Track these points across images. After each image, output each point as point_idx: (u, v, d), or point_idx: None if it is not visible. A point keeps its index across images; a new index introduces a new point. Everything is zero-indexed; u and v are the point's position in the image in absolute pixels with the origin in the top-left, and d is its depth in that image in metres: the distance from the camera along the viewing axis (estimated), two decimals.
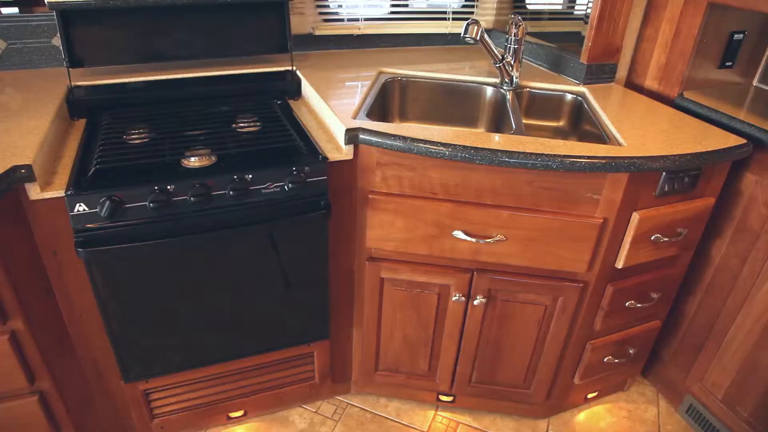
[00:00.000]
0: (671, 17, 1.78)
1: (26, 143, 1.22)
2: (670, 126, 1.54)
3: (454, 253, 1.47)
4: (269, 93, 1.71)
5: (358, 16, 2.04)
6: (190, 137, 1.40)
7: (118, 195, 1.19)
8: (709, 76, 1.85)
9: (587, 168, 1.28)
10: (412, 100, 1.84)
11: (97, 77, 1.64)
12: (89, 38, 1.59)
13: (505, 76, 1.73)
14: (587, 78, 1.82)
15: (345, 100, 1.56)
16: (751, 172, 1.58)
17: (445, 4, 2.16)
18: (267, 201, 1.33)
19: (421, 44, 2.16)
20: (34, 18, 1.67)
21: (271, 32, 1.76)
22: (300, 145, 1.37)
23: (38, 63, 1.72)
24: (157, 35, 1.66)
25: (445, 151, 1.29)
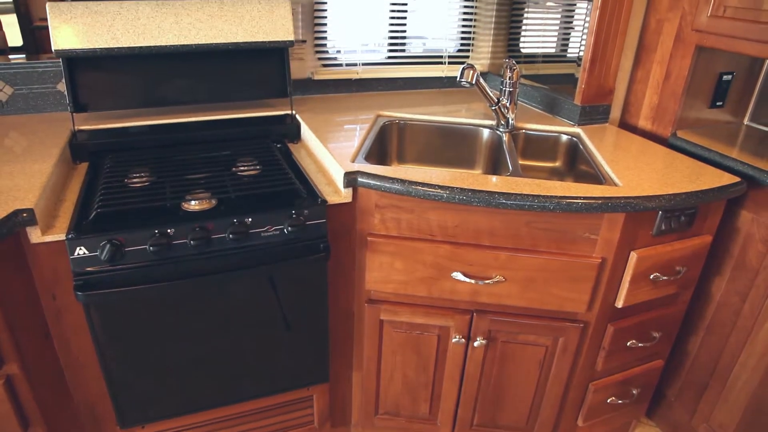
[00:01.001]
0: (661, 59, 1.83)
1: (29, 186, 1.23)
2: (664, 165, 1.56)
3: (454, 294, 1.47)
4: (269, 136, 1.74)
5: (357, 61, 2.09)
6: (191, 181, 1.42)
7: (118, 238, 1.20)
8: (700, 115, 1.88)
9: (584, 208, 1.29)
10: (410, 142, 1.87)
11: (100, 122, 1.67)
12: (93, 84, 1.62)
13: (501, 118, 1.76)
14: (582, 119, 1.85)
15: (344, 143, 1.58)
16: (746, 209, 1.60)
17: (440, 49, 2.21)
18: (266, 244, 1.33)
19: (418, 88, 2.21)
20: (40, 64, 1.71)
21: (271, 77, 1.80)
22: (299, 188, 1.39)
23: (43, 108, 1.76)
24: (160, 81, 1.69)
25: (443, 193, 1.31)
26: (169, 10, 1.59)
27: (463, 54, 2.26)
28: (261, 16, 1.67)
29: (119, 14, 1.54)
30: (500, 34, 2.21)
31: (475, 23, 2.23)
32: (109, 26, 1.54)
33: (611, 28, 1.77)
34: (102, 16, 1.53)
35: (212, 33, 1.63)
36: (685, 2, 1.73)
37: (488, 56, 2.28)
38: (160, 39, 1.59)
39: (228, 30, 1.64)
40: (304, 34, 1.97)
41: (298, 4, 1.91)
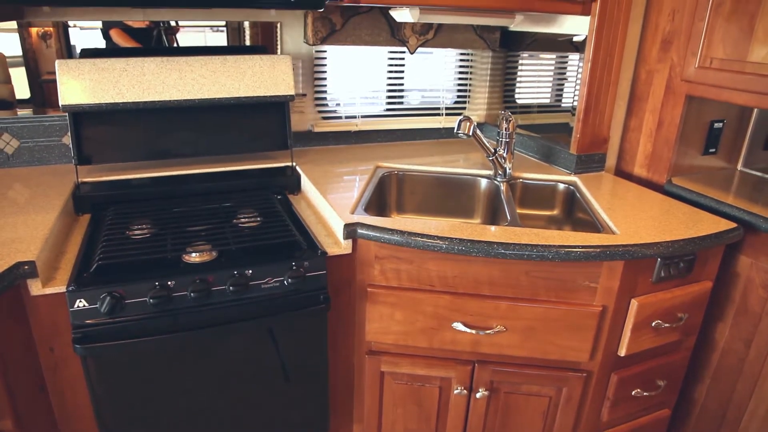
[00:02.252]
0: (653, 108, 1.87)
1: (31, 238, 1.24)
2: (661, 212, 1.57)
3: (455, 345, 1.46)
4: (270, 188, 1.76)
5: (356, 113, 2.14)
6: (192, 233, 1.43)
7: (119, 291, 1.20)
8: (694, 162, 1.91)
9: (582, 257, 1.30)
10: (409, 193, 1.89)
11: (103, 174, 1.69)
12: (98, 137, 1.65)
13: (499, 168, 1.79)
14: (578, 168, 1.88)
15: (343, 194, 1.60)
16: (745, 254, 1.60)
17: (438, 101, 2.27)
18: (266, 296, 1.33)
19: (416, 139, 2.25)
20: (47, 118, 1.75)
21: (272, 130, 1.84)
22: (299, 240, 1.40)
23: (48, 160, 1.79)
24: (162, 133, 1.72)
25: (442, 244, 1.32)
26: (174, 66, 1.63)
27: (459, 105, 2.31)
28: (263, 71, 1.72)
29: (125, 71, 1.59)
30: (496, 85, 2.27)
31: (471, 76, 2.29)
32: (115, 82, 1.58)
33: (603, 79, 1.82)
34: (109, 72, 1.57)
35: (215, 88, 1.67)
36: (674, 54, 1.78)
37: (484, 107, 2.33)
38: (164, 94, 1.63)
39: (230, 85, 1.69)
40: (304, 87, 2.02)
41: (299, 59, 1.97)
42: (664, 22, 1.81)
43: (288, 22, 1.91)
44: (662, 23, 1.82)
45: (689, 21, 1.72)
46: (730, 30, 1.60)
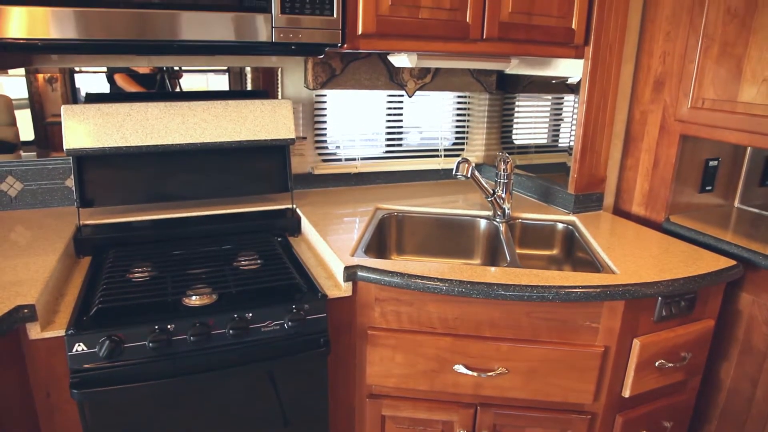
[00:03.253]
0: (649, 148, 1.90)
1: (32, 281, 1.25)
2: (660, 251, 1.58)
3: (456, 387, 1.45)
4: (270, 230, 1.77)
5: (355, 156, 2.17)
6: (192, 275, 1.43)
7: (118, 334, 1.19)
8: (692, 200, 1.93)
9: (582, 298, 1.30)
10: (409, 234, 1.90)
11: (104, 216, 1.70)
12: (100, 180, 1.67)
13: (498, 208, 1.80)
14: (576, 207, 1.90)
15: (343, 235, 1.61)
16: (746, 292, 1.60)
17: (436, 143, 2.30)
18: (266, 339, 1.33)
19: (416, 180, 2.27)
20: (50, 161, 1.78)
21: (273, 173, 1.86)
22: (300, 282, 1.40)
23: (50, 202, 1.81)
24: (164, 176, 1.74)
25: (442, 286, 1.32)
26: (177, 111, 1.67)
27: (458, 147, 2.35)
28: (264, 115, 1.75)
29: (129, 116, 1.62)
30: (493, 126, 2.31)
31: (468, 117, 2.33)
32: (119, 126, 1.61)
33: (598, 120, 1.85)
34: (113, 117, 1.60)
35: (217, 132, 1.70)
36: (666, 95, 1.82)
37: (482, 148, 2.36)
38: (167, 138, 1.65)
39: (232, 129, 1.72)
40: (304, 130, 2.05)
41: (299, 103, 2.01)
42: (655, 64, 1.85)
43: (289, 67, 1.96)
44: (654, 65, 1.86)
45: (680, 63, 1.76)
46: (719, 72, 1.64)
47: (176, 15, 1.38)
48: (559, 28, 1.74)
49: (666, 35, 1.81)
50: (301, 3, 1.46)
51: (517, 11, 1.67)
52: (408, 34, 1.58)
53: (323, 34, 1.51)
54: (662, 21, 1.82)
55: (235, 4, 1.42)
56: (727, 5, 1.61)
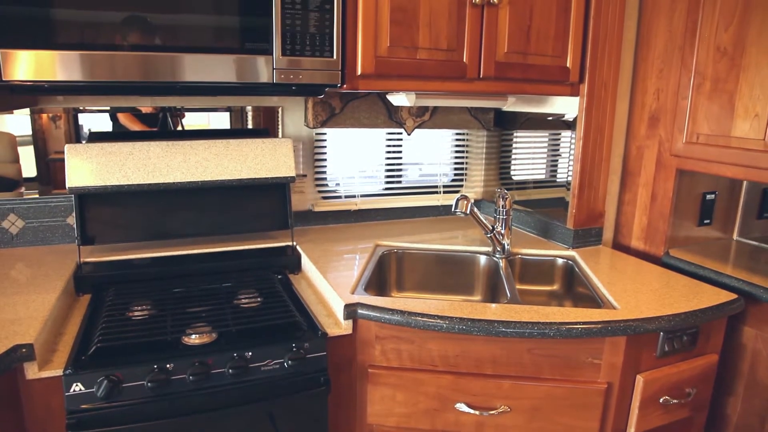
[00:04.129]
0: (646, 182, 1.92)
1: (31, 320, 1.24)
2: (660, 285, 1.58)
3: (459, 426, 1.42)
4: (270, 267, 1.77)
5: (355, 193, 2.19)
6: (192, 314, 1.43)
7: (116, 374, 1.18)
8: (690, 233, 1.94)
9: (583, 334, 1.30)
10: (409, 270, 1.90)
11: (105, 254, 1.70)
12: (102, 218, 1.68)
13: (497, 244, 1.81)
14: (575, 242, 1.90)
15: (343, 272, 1.62)
16: (749, 326, 1.59)
17: (435, 179, 2.32)
18: (266, 379, 1.31)
19: (415, 216, 2.28)
20: (52, 199, 1.79)
21: (273, 210, 1.87)
22: (300, 320, 1.40)
23: (51, 240, 1.81)
24: (165, 214, 1.75)
25: (443, 323, 1.31)
26: (179, 150, 1.69)
27: (457, 183, 2.37)
28: (264, 154, 1.77)
29: (131, 154, 1.64)
30: (492, 162, 2.33)
31: (467, 154, 2.36)
32: (121, 165, 1.62)
33: (595, 156, 1.88)
34: (115, 156, 1.62)
35: (218, 170, 1.72)
36: (661, 130, 1.85)
37: (481, 184, 2.38)
38: (169, 176, 1.67)
39: (233, 167, 1.74)
40: (304, 168, 2.08)
41: (299, 141, 2.04)
42: (649, 101, 1.89)
43: (289, 106, 2.00)
44: (648, 102, 1.89)
45: (673, 99, 1.80)
46: (712, 108, 1.67)
47: (179, 57, 1.41)
48: (555, 67, 1.78)
49: (659, 73, 1.85)
50: (301, 45, 1.50)
51: (513, 51, 1.71)
52: (406, 74, 1.62)
53: (323, 75, 1.54)
54: (654, 59, 1.86)
55: (237, 46, 1.46)
56: (717, 44, 1.65)
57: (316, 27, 1.50)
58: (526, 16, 1.70)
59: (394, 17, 1.56)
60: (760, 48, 1.54)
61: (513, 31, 1.69)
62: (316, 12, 1.49)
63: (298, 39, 1.49)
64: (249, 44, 1.47)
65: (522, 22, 1.70)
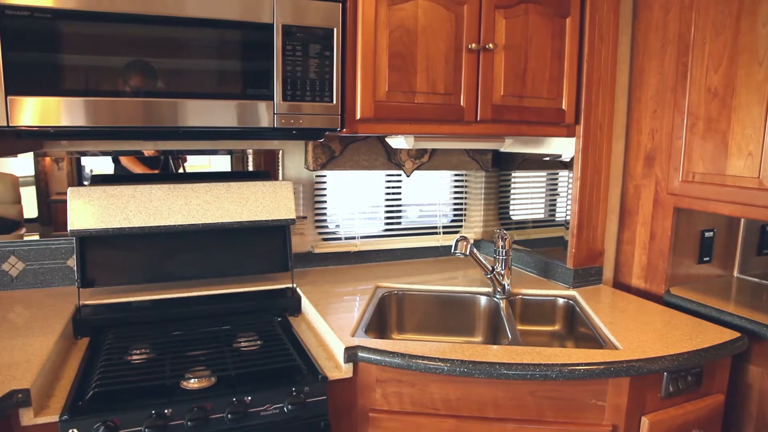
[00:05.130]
0: (644, 221, 1.93)
1: (28, 364, 1.23)
2: (662, 324, 1.57)
3: None
4: (270, 310, 1.77)
5: (355, 234, 2.20)
6: (191, 357, 1.42)
7: (113, 420, 1.16)
8: (691, 271, 1.94)
9: (586, 375, 1.28)
10: (409, 312, 1.89)
11: (104, 296, 1.70)
12: (102, 260, 1.69)
13: (497, 285, 1.80)
14: (576, 282, 1.90)
15: (343, 314, 1.61)
16: (754, 364, 1.58)
17: (435, 220, 2.34)
18: (266, 424, 1.29)
19: (415, 257, 2.28)
20: (53, 241, 1.79)
21: (273, 252, 1.88)
22: (299, 364, 1.38)
23: (51, 282, 1.81)
24: (165, 257, 1.76)
25: (444, 366, 1.30)
26: (180, 192, 1.70)
27: (456, 223, 2.38)
28: (265, 197, 1.79)
29: (133, 197, 1.65)
30: (490, 202, 2.35)
31: (466, 194, 2.38)
32: (123, 208, 1.64)
33: (593, 195, 1.90)
34: (117, 198, 1.63)
35: (219, 213, 1.73)
36: (657, 169, 1.87)
37: (481, 224, 2.39)
38: (170, 219, 1.68)
39: (234, 210, 1.75)
40: (304, 210, 2.09)
41: (300, 183, 2.06)
42: (645, 141, 1.92)
43: (289, 149, 2.03)
44: (643, 141, 1.92)
45: (668, 139, 1.82)
46: (706, 147, 1.70)
47: (181, 103, 1.44)
48: (550, 109, 1.81)
49: (653, 113, 1.88)
50: (302, 90, 1.54)
51: (509, 94, 1.75)
52: (405, 118, 1.65)
53: (323, 119, 1.57)
54: (648, 100, 1.90)
55: (239, 92, 1.49)
56: (707, 86, 1.69)
57: (316, 73, 1.54)
58: (521, 61, 1.75)
59: (392, 63, 1.60)
60: (750, 89, 1.57)
61: (509, 74, 1.74)
62: (316, 59, 1.53)
63: (298, 84, 1.53)
64: (250, 90, 1.50)
65: (517, 66, 1.74)
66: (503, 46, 1.71)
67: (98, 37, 1.35)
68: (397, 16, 1.59)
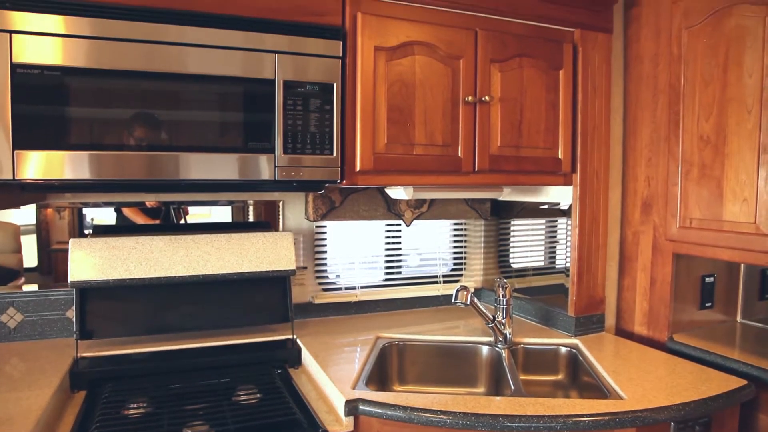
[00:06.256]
0: (644, 267, 1.93)
1: (23, 419, 1.20)
2: (667, 372, 1.55)
3: None
4: (270, 362, 1.74)
5: (355, 284, 2.19)
6: (190, 411, 1.39)
7: None
8: (693, 317, 1.93)
9: (591, 426, 1.26)
10: (410, 363, 1.86)
11: (102, 348, 1.68)
12: (101, 312, 1.68)
13: (499, 334, 1.79)
14: (577, 330, 1.89)
15: (344, 366, 1.59)
16: (763, 413, 1.55)
17: (435, 269, 2.34)
18: None
19: (416, 307, 2.27)
20: (53, 293, 1.78)
21: (273, 303, 1.87)
22: (300, 418, 1.36)
23: (49, 334, 1.78)
24: (165, 308, 1.75)
25: (446, 419, 1.28)
26: (181, 244, 1.71)
27: (456, 272, 2.38)
28: (265, 248, 1.79)
29: (135, 248, 1.65)
30: (490, 251, 2.36)
31: (465, 243, 2.39)
32: (124, 259, 1.64)
33: (592, 243, 1.91)
34: (119, 250, 1.64)
35: (219, 264, 1.73)
36: (655, 216, 1.89)
37: (481, 272, 2.39)
38: (171, 270, 1.68)
39: (234, 261, 1.75)
40: (305, 260, 2.10)
41: (300, 234, 2.07)
42: (641, 188, 1.94)
43: (290, 200, 2.05)
44: (640, 189, 1.95)
45: (664, 186, 1.85)
46: (702, 193, 1.72)
47: (184, 157, 1.46)
48: (547, 158, 1.84)
49: (647, 161, 1.92)
50: (302, 143, 1.57)
51: (506, 144, 1.78)
52: (403, 169, 1.68)
53: (323, 171, 1.60)
54: (642, 148, 1.94)
55: (240, 145, 1.52)
56: (700, 134, 1.72)
57: (316, 126, 1.58)
58: (516, 112, 1.79)
59: (391, 116, 1.64)
60: (741, 136, 1.61)
61: (505, 125, 1.77)
62: (316, 112, 1.57)
63: (299, 138, 1.56)
64: (252, 143, 1.53)
65: (513, 118, 1.78)
66: (499, 98, 1.76)
67: (104, 91, 1.39)
68: (395, 70, 1.64)
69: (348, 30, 1.61)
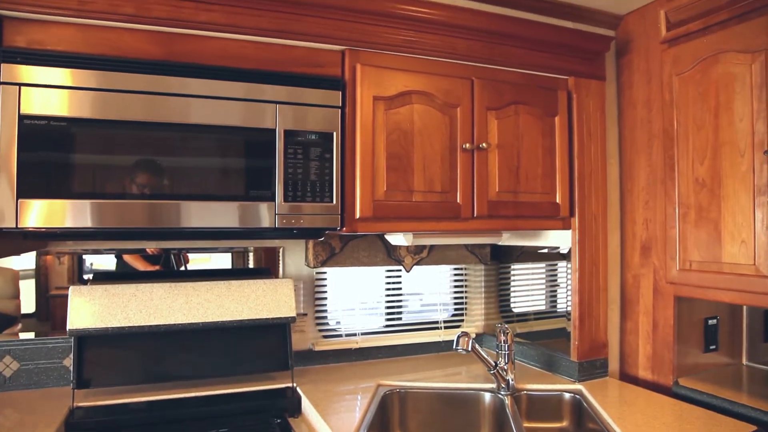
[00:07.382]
0: (646, 310, 1.92)
1: None
2: (674, 418, 1.53)
3: None
4: (270, 411, 1.71)
5: (356, 331, 2.17)
6: None
7: None
8: (698, 360, 1.91)
9: None
10: (412, 411, 1.83)
11: (99, 397, 1.64)
12: (99, 360, 1.65)
13: (501, 381, 1.76)
14: (581, 375, 1.86)
15: (345, 415, 1.56)
16: None
17: (435, 315, 2.32)
18: None
19: (417, 353, 2.24)
20: (50, 340, 1.75)
21: (273, 351, 1.85)
22: None
23: (45, 383, 1.75)
24: (164, 356, 1.73)
25: None
26: (181, 291, 1.70)
27: (457, 317, 2.36)
28: (265, 295, 1.79)
29: (134, 296, 1.65)
30: (491, 295, 2.35)
31: (466, 288, 2.38)
32: (124, 307, 1.63)
33: (593, 286, 1.90)
34: (118, 297, 1.63)
35: (219, 311, 1.72)
36: (654, 258, 1.89)
37: (482, 317, 2.37)
38: (170, 318, 1.67)
39: (234, 308, 1.74)
40: (305, 307, 2.08)
41: (300, 280, 2.07)
42: (640, 231, 1.95)
43: (290, 246, 2.05)
44: (638, 232, 1.96)
45: (662, 229, 1.86)
46: (700, 235, 1.73)
47: (185, 205, 1.48)
48: (545, 203, 1.86)
49: (645, 204, 1.93)
50: (302, 191, 1.58)
51: (504, 190, 1.80)
52: (403, 216, 1.69)
53: (323, 219, 1.61)
54: (639, 191, 1.96)
55: (241, 193, 1.53)
56: (695, 177, 1.75)
57: (316, 174, 1.60)
58: (514, 158, 1.82)
59: (390, 164, 1.66)
60: (735, 179, 1.63)
61: (503, 172, 1.80)
62: (316, 161, 1.60)
63: (299, 186, 1.58)
64: (252, 191, 1.54)
65: (511, 164, 1.81)
66: (496, 145, 1.79)
67: (107, 140, 1.42)
68: (394, 119, 1.67)
69: (347, 80, 1.65)
